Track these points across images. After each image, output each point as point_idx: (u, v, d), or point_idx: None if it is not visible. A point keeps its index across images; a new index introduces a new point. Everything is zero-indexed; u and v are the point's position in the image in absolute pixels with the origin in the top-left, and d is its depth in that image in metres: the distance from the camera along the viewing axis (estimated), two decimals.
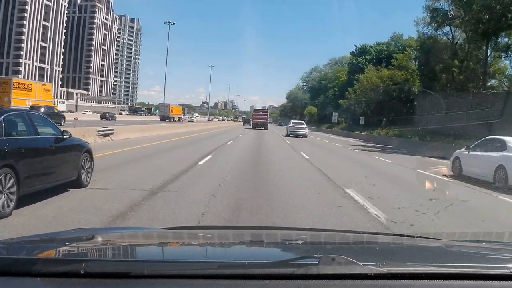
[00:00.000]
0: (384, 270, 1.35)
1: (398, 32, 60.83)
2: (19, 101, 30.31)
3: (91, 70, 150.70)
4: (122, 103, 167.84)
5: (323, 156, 19.11)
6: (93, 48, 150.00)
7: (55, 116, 29.86)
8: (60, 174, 6.66)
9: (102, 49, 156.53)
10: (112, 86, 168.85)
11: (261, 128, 55.07)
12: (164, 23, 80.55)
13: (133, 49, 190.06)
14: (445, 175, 12.97)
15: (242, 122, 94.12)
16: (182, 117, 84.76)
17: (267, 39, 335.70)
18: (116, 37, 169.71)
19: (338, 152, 23.49)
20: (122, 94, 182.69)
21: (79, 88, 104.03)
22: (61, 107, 50.27)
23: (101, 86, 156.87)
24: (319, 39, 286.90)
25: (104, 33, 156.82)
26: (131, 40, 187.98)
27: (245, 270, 1.35)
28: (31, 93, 32.07)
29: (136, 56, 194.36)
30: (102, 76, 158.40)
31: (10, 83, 30.38)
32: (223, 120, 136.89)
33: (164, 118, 68.63)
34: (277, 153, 18.88)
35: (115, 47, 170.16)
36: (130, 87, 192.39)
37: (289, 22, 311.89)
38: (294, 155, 18.64)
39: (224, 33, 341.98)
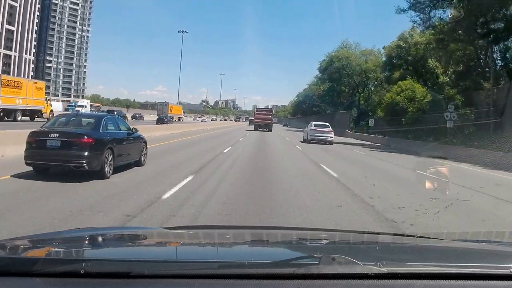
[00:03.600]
0: (384, 270, 1.35)
1: None
2: (9, 99, 28.50)
3: None
4: (59, 93, 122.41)
5: None
6: None
7: (123, 118, 38.09)
8: (131, 155, 10.18)
9: (10, 5, 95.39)
10: (32, 64, 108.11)
11: (264, 129, 46.73)
12: (179, 31, 68.13)
13: (78, 17, 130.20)
14: None
15: (248, 122, 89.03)
16: (183, 116, 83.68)
17: (270, 39, 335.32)
18: None
19: None
20: (61, 81, 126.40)
21: None
22: (56, 106, 46.95)
23: (7, 65, 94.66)
24: (322, 40, 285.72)
25: None
26: (76, 5, 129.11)
27: (245, 270, 1.35)
28: (22, 91, 29.50)
29: (84, 28, 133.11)
30: (9, 49, 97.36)
31: None
32: (225, 120, 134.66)
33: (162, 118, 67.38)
34: None
35: (38, 7, 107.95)
36: (74, 71, 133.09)
37: (292, 23, 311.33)
38: None
39: (227, 33, 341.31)
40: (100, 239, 2.00)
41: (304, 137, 30.10)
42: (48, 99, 36.79)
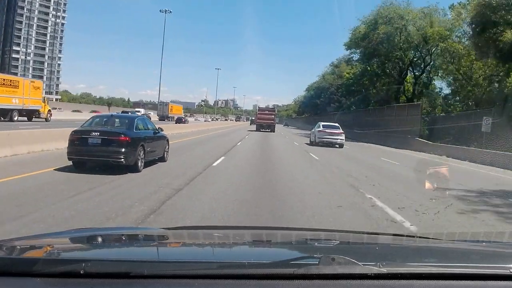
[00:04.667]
0: (384, 270, 1.35)
1: None
2: (5, 99, 27.96)
3: None
4: None
5: None
6: None
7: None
8: (157, 152, 11.34)
9: None
10: None
11: (267, 130, 44.74)
12: (160, 11, 69.18)
13: (52, 1, 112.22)
14: None
15: (249, 122, 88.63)
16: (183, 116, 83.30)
17: (270, 39, 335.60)
18: None
19: None
20: (30, 75, 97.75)
21: None
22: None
23: None
24: (322, 40, 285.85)
25: None
26: None
27: (245, 270, 1.35)
28: (18, 91, 29.23)
29: (58, 14, 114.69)
30: None
31: None
32: (226, 120, 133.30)
33: (163, 118, 67.30)
34: None
35: None
36: (47, 63, 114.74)
37: (293, 23, 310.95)
38: None
39: (227, 32, 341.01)
40: (100, 239, 2.00)
41: (311, 139, 27.35)
42: (46, 99, 36.31)
